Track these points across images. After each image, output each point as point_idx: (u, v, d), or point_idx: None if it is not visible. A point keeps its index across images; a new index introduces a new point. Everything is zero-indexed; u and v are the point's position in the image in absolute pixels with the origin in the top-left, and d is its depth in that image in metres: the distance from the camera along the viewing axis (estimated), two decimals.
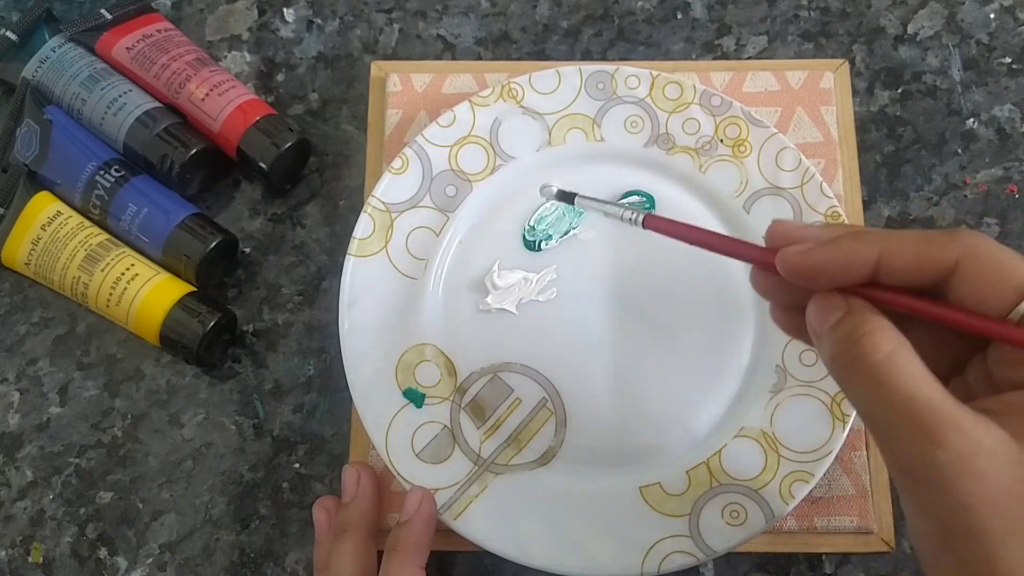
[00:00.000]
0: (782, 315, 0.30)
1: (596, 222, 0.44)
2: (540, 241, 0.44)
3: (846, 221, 0.43)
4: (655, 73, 0.45)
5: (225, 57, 0.51)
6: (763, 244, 0.29)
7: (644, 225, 0.33)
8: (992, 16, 0.50)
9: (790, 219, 0.28)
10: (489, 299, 0.43)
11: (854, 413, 0.40)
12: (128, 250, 0.44)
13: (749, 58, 0.50)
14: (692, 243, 0.31)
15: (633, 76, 0.45)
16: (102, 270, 0.43)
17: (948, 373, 0.27)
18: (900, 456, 0.24)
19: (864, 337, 0.25)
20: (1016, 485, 0.22)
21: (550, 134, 0.45)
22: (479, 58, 0.50)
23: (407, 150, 0.44)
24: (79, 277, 0.43)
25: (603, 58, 0.50)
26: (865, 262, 0.25)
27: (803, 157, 0.44)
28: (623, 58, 0.50)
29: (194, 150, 0.45)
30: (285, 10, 0.52)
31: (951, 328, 0.25)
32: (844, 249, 0.26)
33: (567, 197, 0.38)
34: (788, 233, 0.28)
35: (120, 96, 0.46)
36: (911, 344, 0.25)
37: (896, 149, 0.48)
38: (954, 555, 0.23)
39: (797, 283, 0.27)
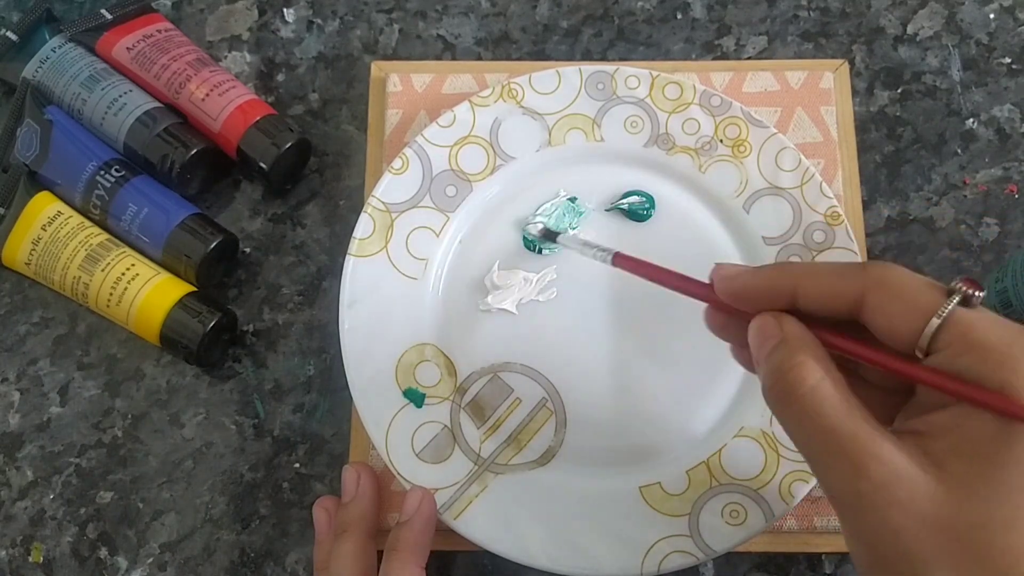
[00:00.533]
0: (739, 353, 0.32)
1: (596, 222, 0.44)
2: (540, 247, 0.44)
3: (846, 221, 0.43)
4: (655, 73, 0.45)
5: (225, 57, 0.51)
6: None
7: (613, 263, 0.36)
8: (992, 16, 0.50)
9: (728, 264, 0.30)
10: (489, 299, 0.43)
11: None
12: (128, 250, 0.45)
13: (749, 58, 0.50)
14: (653, 281, 0.34)
15: (633, 76, 0.45)
16: (102, 270, 0.43)
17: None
18: (829, 484, 0.25)
19: (791, 371, 0.26)
20: (935, 511, 0.23)
21: (550, 134, 0.45)
22: (479, 58, 0.50)
23: (407, 150, 0.44)
24: (79, 277, 0.43)
25: (603, 58, 0.50)
26: (783, 290, 0.27)
27: (803, 157, 0.44)
28: (623, 58, 0.50)
29: (194, 150, 0.45)
30: (285, 10, 0.52)
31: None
32: (763, 276, 0.28)
33: (550, 236, 0.42)
34: (727, 275, 0.30)
35: (120, 96, 0.46)
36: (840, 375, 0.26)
37: (896, 149, 0.48)
38: None
39: (733, 306, 0.29)
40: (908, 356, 0.25)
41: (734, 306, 0.29)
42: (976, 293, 0.24)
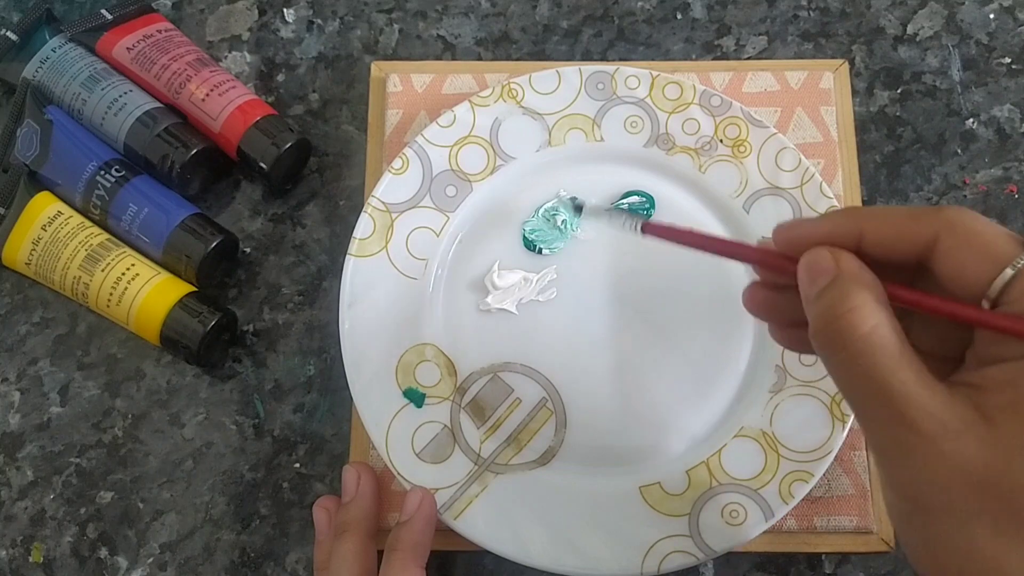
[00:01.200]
0: (780, 333, 0.31)
1: (596, 222, 0.44)
2: (539, 247, 0.44)
3: None
4: (655, 73, 0.45)
5: (225, 57, 0.51)
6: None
7: (642, 231, 0.34)
8: (992, 16, 0.50)
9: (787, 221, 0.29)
10: (489, 299, 0.43)
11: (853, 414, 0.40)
12: (128, 250, 0.45)
13: (749, 58, 0.50)
14: (691, 247, 0.31)
15: (633, 76, 0.45)
16: (103, 270, 0.43)
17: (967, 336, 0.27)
18: (874, 434, 0.25)
19: (845, 314, 0.25)
20: (981, 467, 0.22)
21: (550, 134, 0.45)
22: (479, 58, 0.50)
23: (407, 150, 0.44)
24: (80, 277, 0.44)
25: (603, 58, 0.50)
26: (848, 234, 0.26)
27: (803, 157, 0.44)
28: (623, 58, 0.50)
29: (194, 150, 0.45)
30: (285, 10, 0.52)
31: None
32: (829, 220, 0.27)
33: (578, 208, 0.40)
34: (791, 227, 0.28)
35: (120, 96, 0.46)
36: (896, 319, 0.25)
37: (896, 149, 0.48)
38: (921, 531, 0.24)
39: (791, 255, 0.27)
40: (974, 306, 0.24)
41: (792, 256, 0.27)
42: None
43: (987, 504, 0.22)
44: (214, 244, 0.44)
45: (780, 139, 0.44)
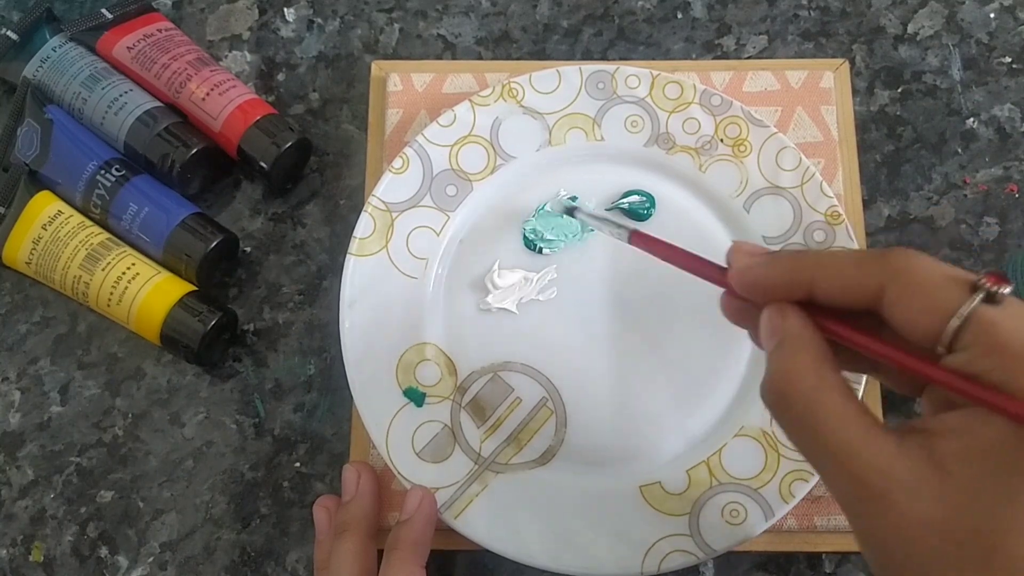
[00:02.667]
0: (758, 338, 0.31)
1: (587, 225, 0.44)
2: (540, 246, 0.44)
3: (846, 220, 0.43)
4: (655, 73, 0.45)
5: (226, 57, 0.51)
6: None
7: (630, 241, 0.35)
8: (992, 16, 0.50)
9: (747, 241, 0.29)
10: (489, 298, 0.43)
11: None
12: (129, 249, 0.45)
13: (749, 58, 0.50)
14: (672, 263, 0.33)
15: (633, 76, 0.45)
16: (103, 269, 0.43)
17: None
18: (833, 491, 0.25)
19: (787, 373, 0.26)
20: (939, 520, 0.22)
21: (550, 134, 0.45)
22: (479, 58, 0.50)
23: (407, 150, 0.44)
24: (80, 276, 0.44)
25: (603, 58, 0.50)
26: (800, 282, 0.26)
27: (803, 157, 0.44)
28: (623, 58, 0.50)
29: (195, 149, 0.45)
30: (286, 10, 0.52)
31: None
32: (778, 268, 0.27)
33: (570, 211, 0.41)
34: (745, 251, 0.29)
35: (121, 96, 0.46)
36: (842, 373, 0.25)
37: (896, 149, 0.48)
38: None
39: (748, 299, 0.28)
40: (930, 351, 0.24)
41: (749, 299, 0.28)
42: (1001, 290, 0.23)
43: (950, 552, 0.22)
44: (214, 243, 0.44)
45: (780, 138, 0.44)
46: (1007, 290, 0.23)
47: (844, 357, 0.27)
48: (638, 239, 0.35)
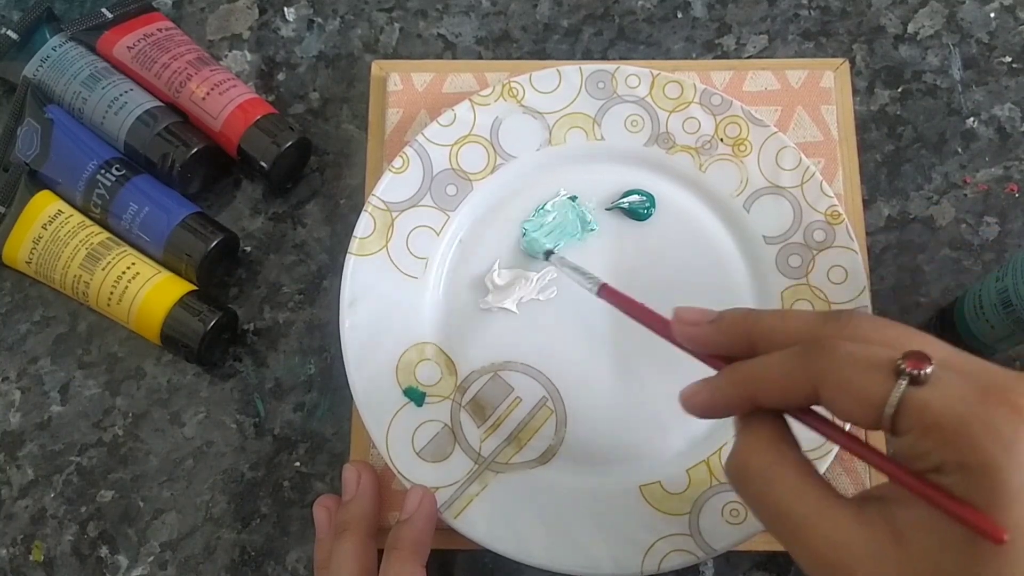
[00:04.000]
0: None
1: (597, 220, 0.44)
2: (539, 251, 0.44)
3: (846, 220, 0.43)
4: (655, 72, 0.45)
5: (226, 56, 0.51)
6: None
7: (598, 294, 0.37)
8: (992, 15, 0.50)
9: (690, 309, 0.30)
10: (489, 298, 0.43)
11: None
12: (129, 249, 0.45)
13: (749, 57, 0.50)
14: (637, 320, 0.34)
15: (633, 75, 0.45)
16: (103, 269, 0.43)
17: None
18: (797, 562, 0.25)
19: (742, 452, 0.27)
20: None
21: (550, 133, 0.45)
22: (480, 57, 0.50)
23: (408, 149, 0.44)
24: (80, 276, 0.44)
25: (603, 57, 0.50)
26: (743, 402, 0.27)
27: (803, 156, 0.44)
28: (623, 57, 0.50)
29: (195, 149, 0.45)
30: (286, 9, 0.52)
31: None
32: (720, 391, 0.28)
33: (546, 254, 0.43)
34: (687, 321, 0.30)
35: (121, 95, 0.46)
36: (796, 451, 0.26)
37: (896, 148, 0.48)
38: None
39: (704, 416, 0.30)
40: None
41: (709, 417, 0.30)
42: (922, 371, 0.23)
43: None
44: (215, 243, 0.44)
45: (780, 138, 0.44)
46: (928, 370, 0.23)
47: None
48: (606, 293, 0.37)
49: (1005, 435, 0.21)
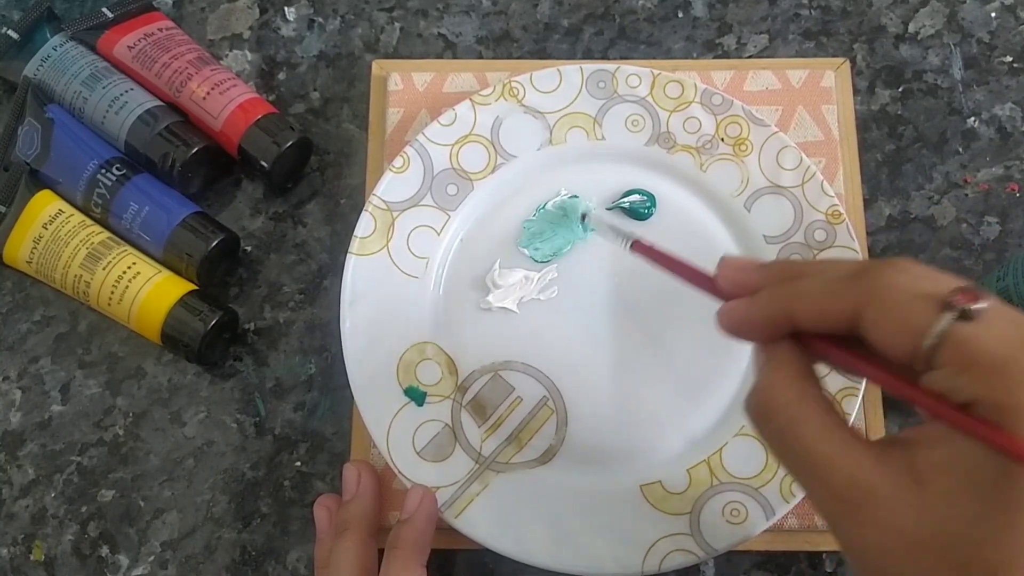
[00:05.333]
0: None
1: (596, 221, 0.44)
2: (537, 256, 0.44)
3: (847, 220, 0.43)
4: (656, 72, 0.45)
5: (226, 56, 0.51)
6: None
7: (631, 249, 0.36)
8: (993, 15, 0.50)
9: (735, 256, 0.30)
10: (490, 298, 0.43)
11: (854, 412, 0.40)
12: (129, 249, 0.45)
13: (750, 57, 0.50)
14: (669, 271, 0.33)
15: (634, 75, 0.45)
16: (104, 269, 0.43)
17: None
18: (814, 504, 0.25)
19: (767, 389, 0.26)
20: (916, 529, 0.22)
21: (551, 133, 0.45)
22: (480, 57, 0.50)
23: (408, 149, 0.44)
24: (80, 276, 0.44)
25: (604, 57, 0.50)
26: (782, 319, 0.27)
27: (804, 156, 0.44)
28: (624, 57, 0.50)
29: (195, 149, 0.45)
30: (286, 9, 0.52)
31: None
32: (760, 307, 0.27)
33: (583, 216, 0.43)
34: (734, 267, 0.30)
35: (121, 95, 0.46)
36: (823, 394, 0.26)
37: (897, 148, 0.48)
38: None
39: (740, 339, 0.29)
40: (911, 369, 0.24)
41: (742, 337, 0.29)
42: (973, 306, 0.23)
43: (928, 563, 0.22)
44: (215, 243, 0.44)
45: (781, 138, 0.44)
46: (979, 305, 0.23)
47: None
48: (639, 248, 0.36)
49: None
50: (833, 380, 0.39)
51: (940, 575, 0.22)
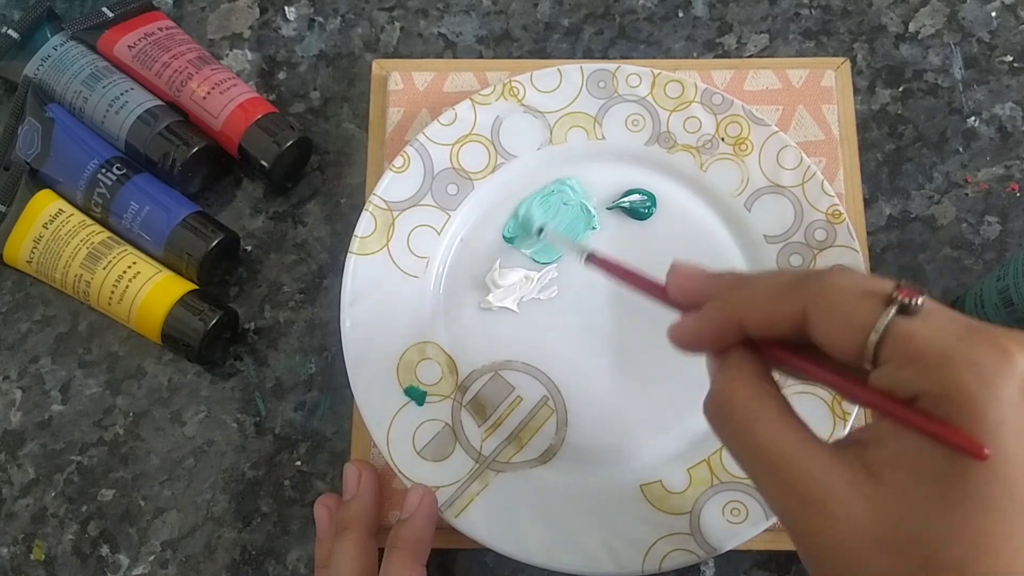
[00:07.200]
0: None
1: (598, 219, 0.44)
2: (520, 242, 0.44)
3: (847, 219, 0.43)
4: (656, 71, 0.45)
5: (227, 55, 0.51)
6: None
7: (587, 261, 0.36)
8: (993, 15, 0.50)
9: (684, 264, 0.30)
10: (490, 297, 0.43)
11: (854, 411, 0.40)
12: (130, 248, 0.45)
13: (750, 56, 0.50)
14: (627, 285, 0.33)
15: (634, 74, 0.45)
16: (104, 268, 0.43)
17: None
18: (769, 502, 0.25)
19: (723, 387, 0.27)
20: (872, 525, 0.22)
21: (551, 132, 0.45)
22: (480, 56, 0.50)
23: (408, 148, 0.44)
24: (81, 275, 0.44)
25: (604, 56, 0.50)
26: (732, 327, 0.27)
27: (804, 155, 0.44)
28: (624, 56, 0.50)
29: (196, 148, 0.45)
30: (286, 8, 0.52)
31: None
32: (709, 320, 0.28)
33: (537, 231, 0.43)
34: (683, 274, 0.30)
35: (122, 94, 0.46)
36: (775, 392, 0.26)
37: (897, 147, 0.48)
38: None
39: (693, 351, 0.29)
40: (859, 368, 0.24)
41: (694, 351, 0.29)
42: (915, 301, 0.23)
43: (886, 561, 0.22)
44: (215, 242, 0.44)
45: (781, 137, 0.44)
46: (920, 300, 0.23)
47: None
48: (593, 261, 0.36)
49: (987, 369, 0.22)
50: None
51: (900, 572, 0.22)
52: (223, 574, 0.42)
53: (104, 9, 0.48)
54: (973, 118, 0.48)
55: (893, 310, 0.23)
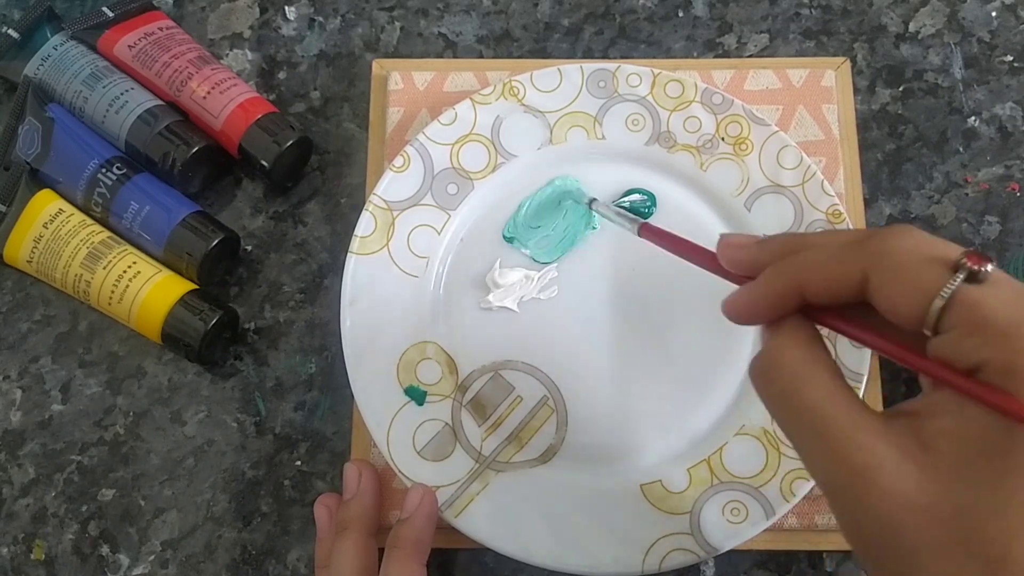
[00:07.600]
0: None
1: (597, 219, 0.44)
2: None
3: (848, 220, 0.43)
4: (656, 71, 0.45)
5: (227, 55, 0.51)
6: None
7: (640, 233, 0.37)
8: (994, 14, 0.50)
9: (736, 233, 0.29)
10: (491, 297, 0.43)
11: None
12: (130, 248, 0.45)
13: (750, 56, 0.50)
14: (679, 255, 0.33)
15: (634, 74, 0.45)
16: (104, 268, 0.43)
17: None
18: (813, 471, 0.25)
19: (773, 350, 0.26)
20: (922, 497, 0.22)
21: (551, 132, 0.45)
22: (480, 56, 0.50)
23: (408, 148, 0.44)
24: (81, 275, 0.44)
25: (604, 56, 0.50)
26: (789, 294, 0.26)
27: (804, 155, 0.44)
28: (624, 56, 0.50)
29: (196, 148, 0.45)
30: (287, 8, 0.52)
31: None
32: (769, 284, 0.27)
33: (589, 202, 0.43)
34: (733, 245, 0.29)
35: (122, 94, 0.46)
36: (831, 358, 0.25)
37: (897, 147, 0.48)
38: (877, 567, 0.24)
39: (750, 322, 0.28)
40: (918, 335, 0.24)
41: (751, 322, 0.28)
42: (983, 268, 0.22)
43: (934, 533, 0.22)
44: (215, 242, 0.44)
45: (782, 137, 0.44)
46: (988, 268, 0.23)
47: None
48: (646, 232, 0.36)
49: None
50: None
51: (945, 545, 0.22)
52: (223, 574, 0.42)
53: (104, 9, 0.48)
54: (973, 118, 0.48)
55: (961, 276, 0.23)
